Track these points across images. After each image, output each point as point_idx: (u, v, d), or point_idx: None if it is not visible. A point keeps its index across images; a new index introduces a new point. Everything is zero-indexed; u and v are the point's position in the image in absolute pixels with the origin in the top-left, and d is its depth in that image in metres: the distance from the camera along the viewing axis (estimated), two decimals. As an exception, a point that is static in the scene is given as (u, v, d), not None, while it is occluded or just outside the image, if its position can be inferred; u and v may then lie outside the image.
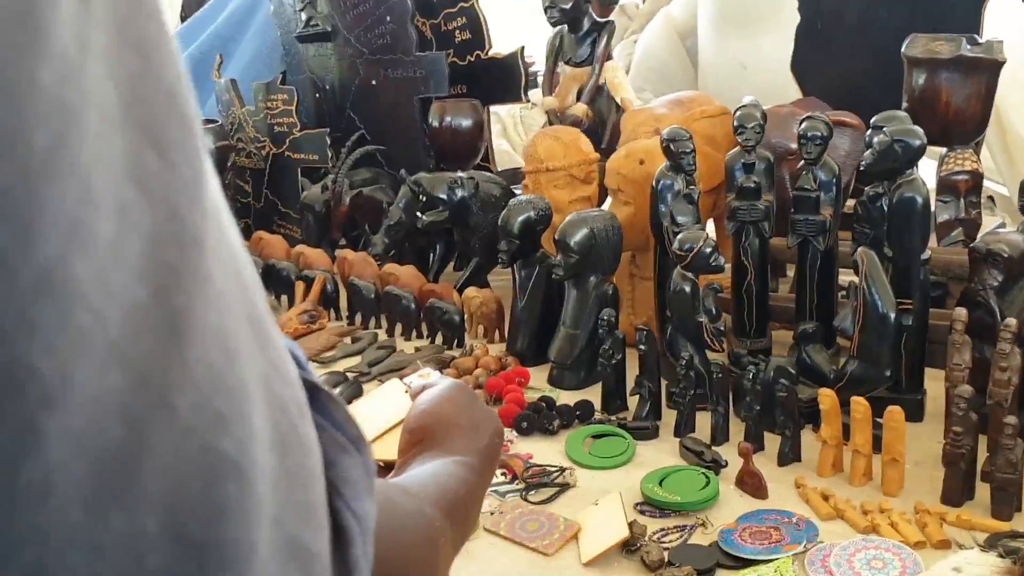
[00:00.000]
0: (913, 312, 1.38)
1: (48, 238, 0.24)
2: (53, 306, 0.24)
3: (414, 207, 1.99)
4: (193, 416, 0.27)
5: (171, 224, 0.27)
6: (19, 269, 0.23)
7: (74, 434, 0.25)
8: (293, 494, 0.31)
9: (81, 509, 0.25)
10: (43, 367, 0.24)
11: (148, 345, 0.26)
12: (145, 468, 0.26)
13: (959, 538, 1.10)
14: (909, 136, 1.35)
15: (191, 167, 0.29)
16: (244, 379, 0.30)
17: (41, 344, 0.24)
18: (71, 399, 0.24)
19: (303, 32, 2.56)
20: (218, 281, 0.29)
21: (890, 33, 2.02)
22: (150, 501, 0.26)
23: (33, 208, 0.24)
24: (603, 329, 1.50)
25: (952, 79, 1.74)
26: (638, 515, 1.20)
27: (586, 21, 2.22)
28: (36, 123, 0.24)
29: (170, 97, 0.29)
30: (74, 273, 0.24)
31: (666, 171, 1.55)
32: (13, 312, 0.23)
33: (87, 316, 0.25)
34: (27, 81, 0.24)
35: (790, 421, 1.30)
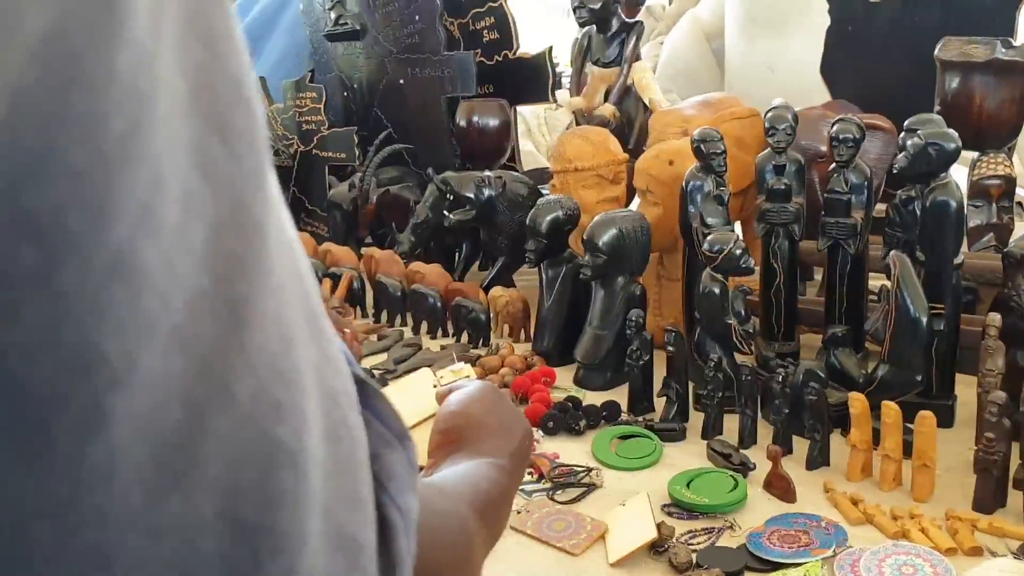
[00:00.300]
0: (945, 317, 1.37)
1: (120, 222, 0.24)
2: (123, 289, 0.24)
3: (441, 206, 1.99)
4: (252, 402, 0.27)
5: (235, 212, 0.28)
6: (92, 252, 0.24)
7: (138, 417, 0.25)
8: (342, 484, 0.32)
9: (141, 492, 0.25)
10: (111, 349, 0.24)
11: (210, 331, 0.26)
12: (204, 453, 0.26)
13: (991, 545, 1.09)
14: (943, 139, 1.34)
15: (255, 157, 0.29)
16: (300, 368, 0.30)
17: (111, 326, 0.24)
18: (136, 381, 0.25)
19: (332, 31, 2.58)
20: (277, 271, 0.29)
21: (922, 36, 2.01)
22: (208, 486, 0.26)
23: (107, 192, 0.24)
24: (631, 330, 1.50)
25: (986, 82, 1.73)
26: (666, 516, 1.20)
27: (615, 21, 2.22)
28: (113, 110, 0.24)
29: (236, 87, 0.29)
30: (143, 258, 0.25)
31: (696, 172, 1.55)
32: (85, 294, 0.24)
33: (154, 300, 0.25)
34: (106, 68, 0.24)
35: (819, 425, 1.29)
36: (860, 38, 2.27)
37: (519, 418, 0.72)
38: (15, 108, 0.23)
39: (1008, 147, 1.83)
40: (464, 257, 2.20)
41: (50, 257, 0.23)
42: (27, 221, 0.23)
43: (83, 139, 0.24)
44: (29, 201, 0.23)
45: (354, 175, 2.39)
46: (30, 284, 0.23)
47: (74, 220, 0.24)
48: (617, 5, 2.20)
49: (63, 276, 0.23)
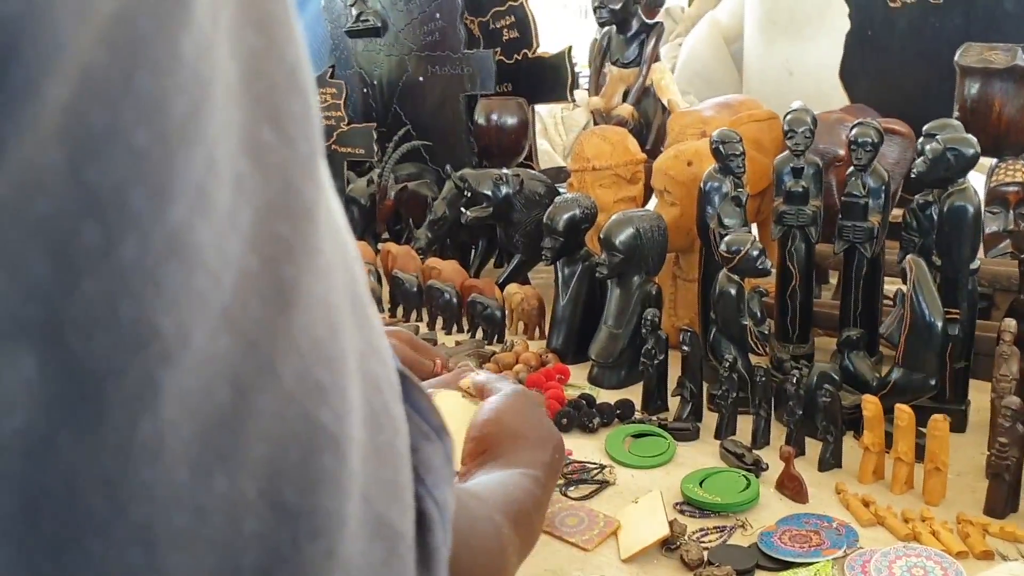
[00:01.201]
0: (960, 322, 1.37)
1: (178, 202, 0.25)
2: (178, 267, 0.25)
3: (458, 203, 2.00)
4: (296, 384, 0.28)
5: (284, 196, 0.28)
6: (152, 230, 0.24)
7: (187, 394, 0.25)
8: (382, 472, 0.32)
9: (187, 470, 0.25)
10: (166, 325, 0.25)
11: (257, 312, 0.27)
12: (249, 432, 0.27)
13: (1002, 550, 1.09)
14: (962, 145, 1.34)
15: (308, 142, 0.30)
16: (344, 353, 0.30)
17: (165, 303, 0.25)
18: (187, 359, 0.25)
19: (353, 27, 2.59)
20: (326, 255, 0.30)
21: (942, 41, 2.01)
22: (251, 466, 0.27)
23: (167, 172, 0.25)
24: (646, 329, 1.51)
25: (1006, 89, 1.73)
26: (678, 515, 1.21)
27: (635, 22, 2.23)
28: (176, 92, 0.25)
29: (291, 75, 0.30)
30: (198, 238, 0.25)
31: (714, 173, 1.56)
32: (144, 270, 0.24)
33: (206, 280, 0.26)
34: (172, 51, 0.25)
35: (832, 427, 1.30)
36: (880, 42, 2.27)
37: (552, 429, 0.72)
38: (83, 86, 0.23)
39: (1027, 154, 1.83)
40: (480, 254, 2.21)
41: (111, 233, 0.24)
42: (90, 197, 0.24)
43: (147, 119, 0.24)
44: (93, 177, 0.24)
45: (372, 171, 2.40)
46: (91, 259, 0.24)
47: (135, 198, 0.24)
48: (637, 6, 2.20)
49: (123, 252, 0.24)
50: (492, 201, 1.95)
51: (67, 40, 0.23)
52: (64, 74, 0.23)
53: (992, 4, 2.06)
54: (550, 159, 3.37)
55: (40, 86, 0.22)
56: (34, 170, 0.23)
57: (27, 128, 0.22)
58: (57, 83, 0.23)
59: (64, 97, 0.23)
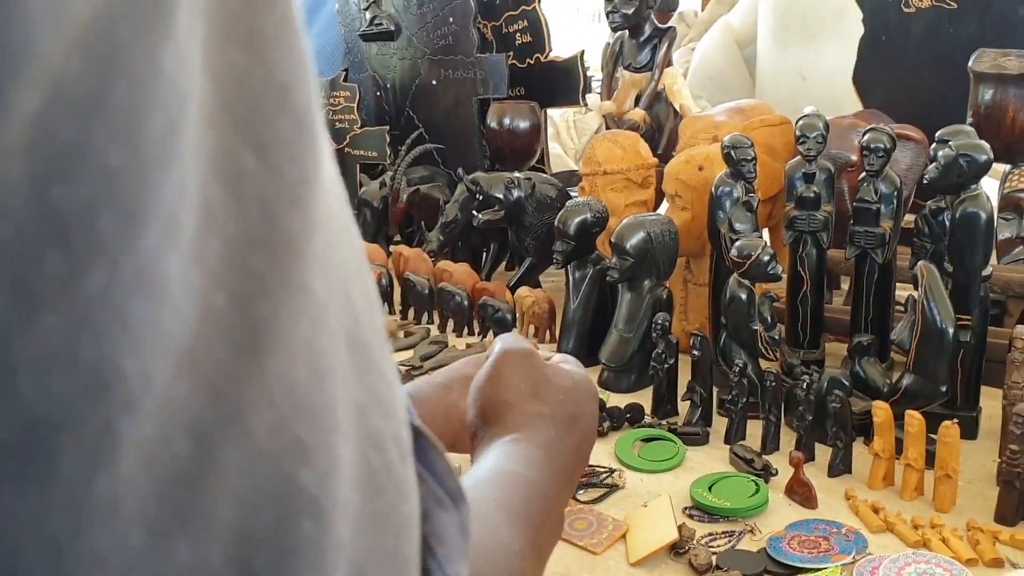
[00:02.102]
0: (972, 329, 1.37)
1: (150, 229, 0.22)
2: (147, 303, 0.22)
3: (470, 206, 2.01)
4: (269, 438, 0.25)
5: (262, 228, 0.25)
6: (123, 260, 0.22)
7: (145, 445, 0.22)
8: (380, 541, 0.28)
9: (144, 532, 0.22)
10: (129, 367, 0.22)
11: (223, 355, 0.24)
12: (213, 491, 0.24)
13: (1012, 557, 1.09)
14: (975, 151, 1.34)
15: (298, 168, 0.27)
16: (333, 404, 0.27)
17: (132, 342, 0.22)
18: (150, 408, 0.22)
19: (367, 31, 2.61)
20: (317, 294, 0.27)
21: (956, 47, 2.01)
22: (217, 529, 0.24)
23: (141, 196, 0.22)
24: (656, 333, 1.51)
25: (1020, 95, 1.72)
26: (687, 519, 1.21)
27: (647, 27, 2.23)
28: (154, 106, 0.22)
29: (281, 94, 0.27)
30: (167, 270, 0.23)
31: (725, 178, 1.56)
32: (110, 306, 0.22)
33: (172, 318, 0.23)
34: (150, 62, 0.22)
35: (842, 432, 1.30)
36: (894, 48, 2.26)
37: (557, 373, 0.62)
38: (54, 98, 0.21)
39: (1041, 160, 1.82)
40: (492, 257, 2.21)
41: (76, 262, 0.21)
42: (55, 221, 0.21)
43: (123, 136, 0.22)
44: (59, 199, 0.21)
45: (385, 174, 2.41)
46: (52, 290, 0.21)
47: (105, 223, 0.21)
48: (650, 11, 2.21)
49: (88, 284, 0.21)
50: (504, 204, 1.96)
51: (39, 45, 0.20)
52: (34, 82, 0.20)
53: (1007, 10, 2.05)
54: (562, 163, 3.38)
55: (6, 94, 0.20)
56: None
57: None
58: (26, 92, 0.20)
59: (32, 108, 0.21)
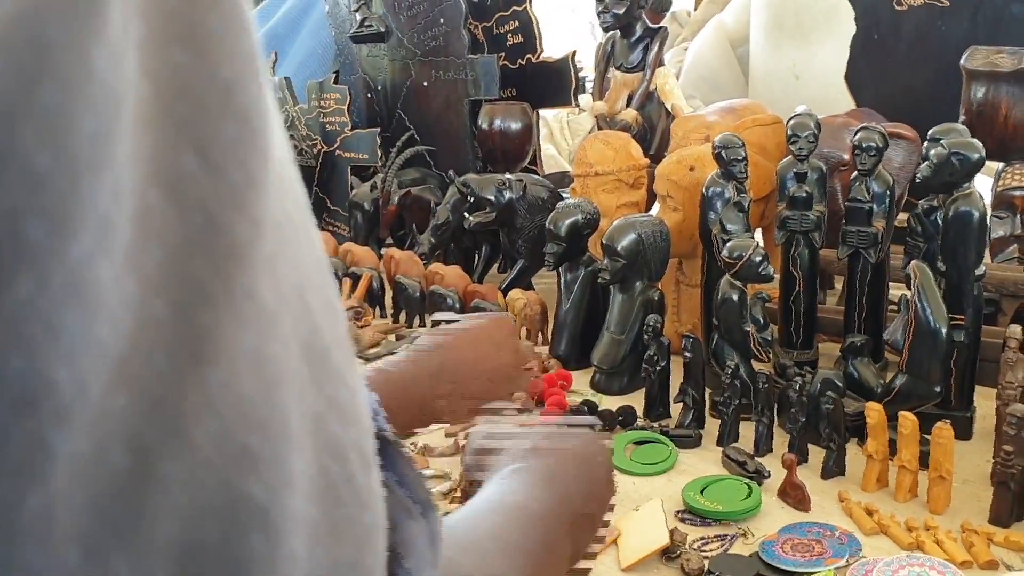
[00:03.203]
0: (965, 328, 1.36)
1: (82, 235, 0.22)
2: (78, 312, 0.21)
3: (461, 208, 2.00)
4: (213, 450, 0.24)
5: (204, 234, 0.25)
6: (51, 268, 0.21)
7: (78, 459, 0.22)
8: (340, 553, 0.28)
9: (80, 550, 0.22)
10: (61, 379, 0.21)
11: (162, 365, 0.23)
12: (154, 506, 0.23)
13: (1007, 559, 1.08)
14: (967, 149, 1.33)
15: (243, 171, 0.26)
16: (285, 414, 0.26)
17: (62, 353, 0.21)
18: (84, 420, 0.22)
19: (357, 32, 2.59)
20: (265, 300, 0.26)
21: (948, 45, 1.99)
22: (159, 546, 0.23)
23: (71, 201, 0.21)
24: (648, 335, 1.50)
25: (1013, 92, 1.71)
26: (679, 523, 1.19)
27: (639, 27, 2.22)
28: (85, 108, 0.22)
29: (225, 95, 0.26)
30: (99, 277, 0.22)
31: (717, 178, 1.54)
32: (38, 315, 0.21)
33: (106, 327, 0.22)
34: (81, 62, 0.22)
35: (836, 434, 1.29)
36: (886, 46, 2.25)
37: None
38: None
39: (1034, 158, 1.81)
40: (483, 259, 2.20)
41: (1, 271, 0.20)
42: None
43: (51, 140, 0.21)
44: None
45: (376, 176, 2.40)
46: None
47: (32, 230, 0.21)
48: (641, 10, 2.19)
49: (15, 293, 0.21)
50: (495, 206, 1.95)
51: None
52: None
53: (999, 7, 2.04)
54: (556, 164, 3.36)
55: None
56: None
57: None
58: None
59: None
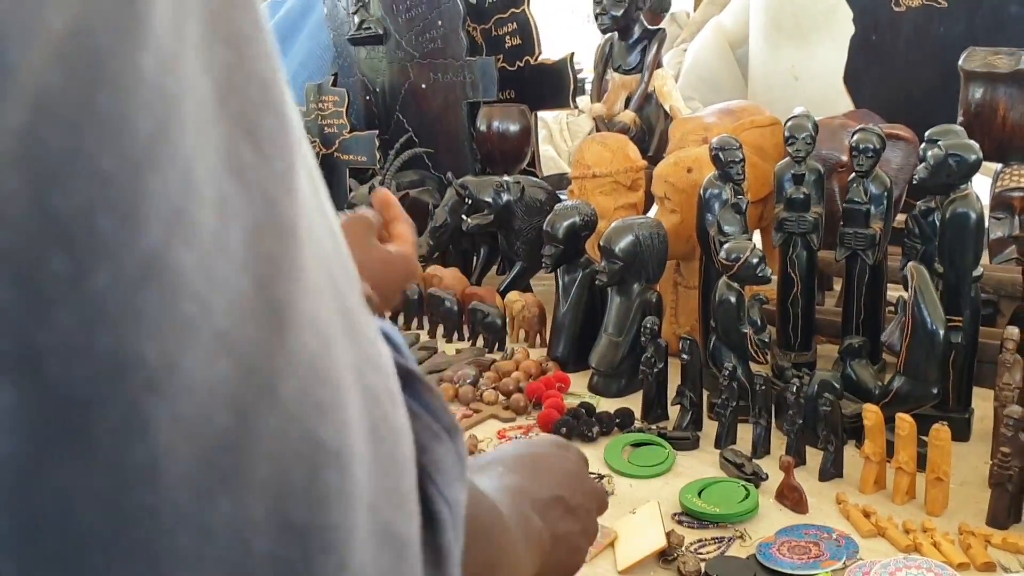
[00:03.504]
0: (963, 330, 1.35)
1: (151, 226, 0.24)
2: (158, 294, 0.25)
3: (459, 210, 2.00)
4: (296, 404, 0.28)
5: (269, 215, 0.28)
6: (123, 256, 0.24)
7: (183, 421, 0.25)
8: (386, 481, 0.32)
9: (190, 492, 0.26)
10: (148, 353, 0.24)
11: (252, 334, 0.27)
12: (252, 455, 0.27)
13: (1004, 561, 1.08)
14: (964, 150, 1.33)
15: (284, 159, 0.29)
16: (339, 368, 0.30)
17: (146, 330, 0.24)
18: (178, 386, 0.25)
19: (355, 35, 2.59)
20: (311, 271, 0.30)
21: (946, 46, 1.99)
22: (257, 487, 0.27)
23: (137, 195, 0.24)
24: (646, 337, 1.50)
25: (1010, 94, 1.71)
26: (676, 525, 1.19)
27: (637, 28, 2.21)
28: (139, 110, 0.24)
29: (264, 89, 0.29)
30: (178, 261, 0.25)
31: (714, 180, 1.54)
32: (118, 298, 0.24)
33: (192, 305, 0.25)
34: (131, 68, 0.24)
35: (833, 436, 1.29)
36: (884, 47, 2.25)
37: (569, 477, 0.71)
38: (40, 109, 0.23)
39: (1033, 159, 1.81)
40: (481, 261, 2.20)
41: (80, 261, 0.23)
42: (55, 225, 0.23)
43: (111, 141, 0.24)
44: (57, 204, 0.23)
45: (374, 178, 2.40)
46: (61, 288, 0.23)
47: (103, 224, 0.24)
48: (639, 12, 2.19)
49: (95, 280, 0.24)
50: (493, 208, 1.94)
51: (16, 63, 0.22)
52: (17, 98, 0.22)
53: (998, 8, 2.04)
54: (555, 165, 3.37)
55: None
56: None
57: None
58: (9, 108, 0.22)
59: (19, 122, 0.22)
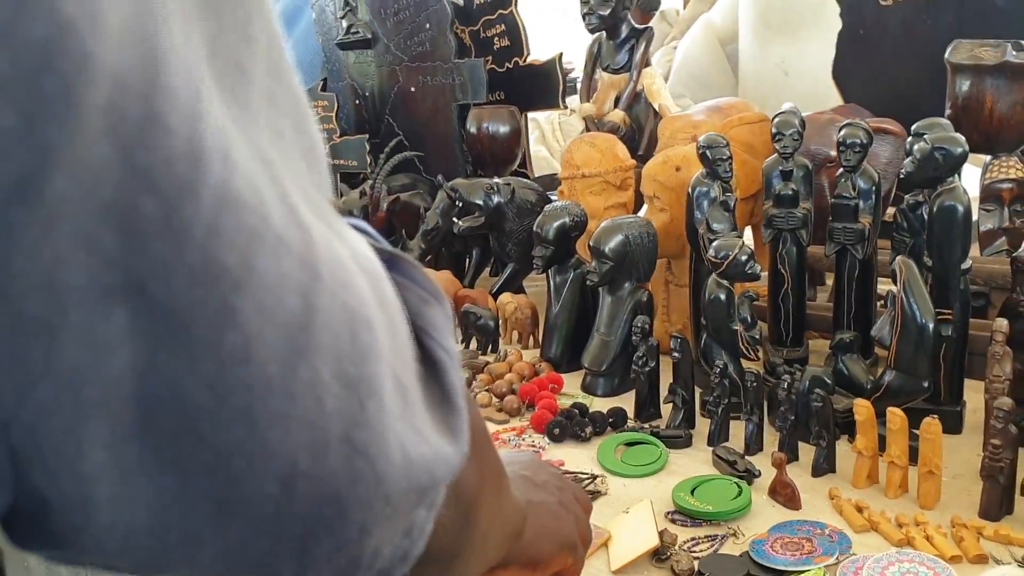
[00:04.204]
0: (952, 323, 1.35)
1: (213, 165, 0.30)
2: (230, 215, 0.31)
3: (451, 213, 2.00)
4: (334, 283, 0.35)
5: (297, 142, 0.37)
6: (201, 192, 0.30)
7: (264, 309, 0.32)
8: (394, 340, 0.39)
9: (277, 365, 0.32)
10: (230, 262, 0.31)
11: (296, 235, 0.33)
12: (316, 328, 0.33)
13: (996, 553, 1.08)
14: (950, 144, 1.33)
15: (296, 94, 0.39)
16: (349, 260, 0.37)
17: (226, 244, 0.31)
18: (257, 283, 0.31)
19: (344, 39, 2.59)
20: (325, 184, 0.40)
21: (933, 39, 1.99)
22: (323, 353, 0.33)
23: (199, 144, 0.30)
24: (637, 336, 1.50)
25: (997, 85, 1.71)
26: (669, 524, 1.19)
27: (624, 28, 2.21)
28: (183, 79, 0.30)
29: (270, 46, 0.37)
30: (237, 187, 0.31)
31: (702, 178, 1.54)
32: (201, 225, 0.30)
33: (254, 218, 0.32)
34: (171, 47, 0.30)
35: (825, 431, 1.29)
36: (872, 41, 2.25)
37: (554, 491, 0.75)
38: (116, 88, 0.28)
39: (1020, 150, 1.81)
40: (474, 264, 2.20)
41: (168, 201, 0.29)
42: (143, 176, 0.29)
43: (171, 104, 0.29)
44: (142, 159, 0.29)
45: (365, 182, 2.40)
46: (154, 225, 0.29)
47: (180, 169, 0.29)
48: (626, 11, 2.19)
49: (182, 215, 0.30)
50: (484, 210, 1.94)
51: (92, 50, 0.27)
52: (95, 80, 0.27)
53: (983, 1, 2.04)
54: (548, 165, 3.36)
55: (76, 94, 0.27)
56: (90, 166, 0.28)
57: (75, 131, 0.27)
58: (92, 89, 0.27)
59: (101, 100, 0.27)
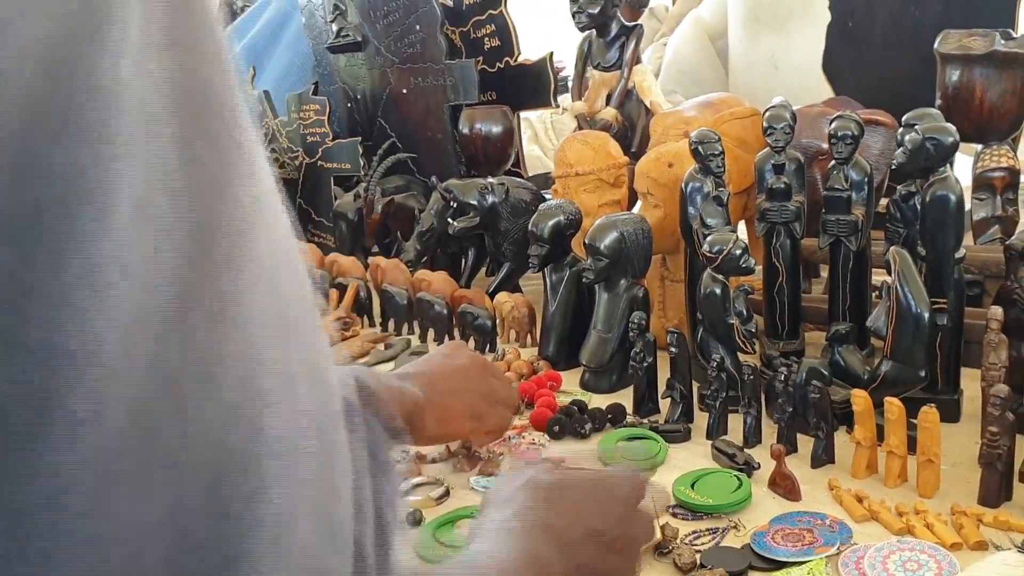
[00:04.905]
0: (948, 311, 1.36)
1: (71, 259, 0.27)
2: (90, 293, 0.27)
3: (445, 213, 2.00)
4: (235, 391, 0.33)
5: (201, 225, 0.31)
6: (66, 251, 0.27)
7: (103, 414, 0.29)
8: (328, 475, 0.37)
9: None
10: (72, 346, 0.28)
11: (197, 320, 0.31)
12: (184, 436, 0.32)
13: (996, 539, 1.08)
14: (941, 134, 1.34)
15: (234, 163, 0.33)
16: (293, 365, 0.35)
17: (76, 325, 0.27)
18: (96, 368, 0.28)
19: (334, 43, 2.59)
20: (256, 272, 0.33)
21: (922, 30, 2.00)
22: (193, 466, 0.31)
23: (63, 228, 0.27)
24: (634, 332, 1.50)
25: (986, 75, 1.72)
26: (670, 517, 1.20)
27: (614, 25, 2.22)
28: (113, 114, 0.27)
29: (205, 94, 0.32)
30: (107, 259, 0.28)
31: (695, 174, 1.55)
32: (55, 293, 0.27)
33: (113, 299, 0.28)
34: (100, 74, 0.27)
35: (823, 423, 1.29)
36: (861, 33, 2.26)
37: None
38: (30, 116, 0.26)
39: (1011, 139, 1.82)
40: (470, 264, 2.20)
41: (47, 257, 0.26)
42: None
43: (76, 142, 0.26)
44: None
45: (359, 185, 2.40)
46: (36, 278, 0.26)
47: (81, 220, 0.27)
48: (616, 9, 2.20)
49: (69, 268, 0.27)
50: (478, 211, 1.95)
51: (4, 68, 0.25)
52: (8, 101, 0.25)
53: (971, -10, 2.05)
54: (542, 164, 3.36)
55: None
56: None
57: None
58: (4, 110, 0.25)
59: (13, 126, 0.25)
